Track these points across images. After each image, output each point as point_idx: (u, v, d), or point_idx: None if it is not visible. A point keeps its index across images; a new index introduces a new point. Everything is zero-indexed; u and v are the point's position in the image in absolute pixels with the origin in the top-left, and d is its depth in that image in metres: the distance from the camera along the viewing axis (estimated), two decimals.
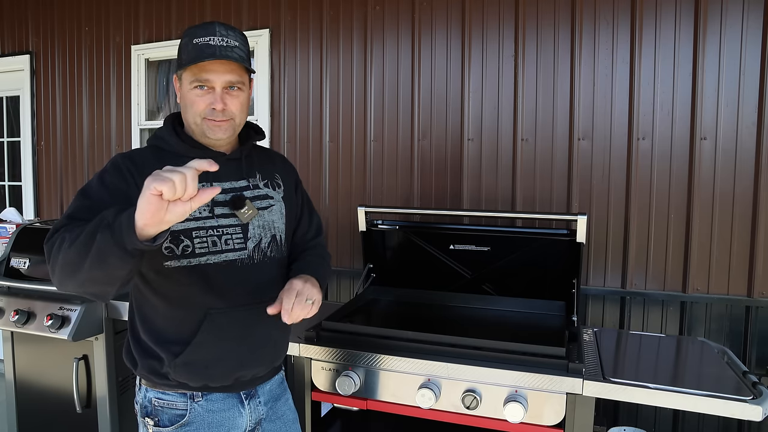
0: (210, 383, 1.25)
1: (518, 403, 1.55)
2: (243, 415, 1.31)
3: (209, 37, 1.19)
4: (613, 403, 2.26)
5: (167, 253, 1.18)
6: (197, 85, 1.21)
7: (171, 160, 1.19)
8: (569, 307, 2.04)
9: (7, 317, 2.20)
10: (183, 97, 1.25)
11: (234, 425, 1.29)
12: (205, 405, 1.26)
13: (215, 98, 1.20)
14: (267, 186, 1.35)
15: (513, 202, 2.42)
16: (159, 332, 1.24)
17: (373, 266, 2.34)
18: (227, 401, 1.29)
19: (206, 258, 1.21)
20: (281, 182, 1.40)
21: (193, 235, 1.20)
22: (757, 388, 1.50)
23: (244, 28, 2.88)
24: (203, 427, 1.26)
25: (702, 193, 2.16)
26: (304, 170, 2.80)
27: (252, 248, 1.27)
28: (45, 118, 3.52)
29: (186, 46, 1.21)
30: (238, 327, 1.26)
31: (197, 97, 1.21)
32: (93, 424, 2.24)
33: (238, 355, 1.26)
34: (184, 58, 1.21)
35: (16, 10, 3.57)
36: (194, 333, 1.21)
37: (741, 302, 2.14)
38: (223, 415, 1.28)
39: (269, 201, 1.34)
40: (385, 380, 1.73)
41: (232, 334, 1.25)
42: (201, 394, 1.26)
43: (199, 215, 1.21)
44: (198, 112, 1.22)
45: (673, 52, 2.17)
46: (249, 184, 1.32)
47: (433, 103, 2.54)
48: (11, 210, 3.21)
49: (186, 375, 1.23)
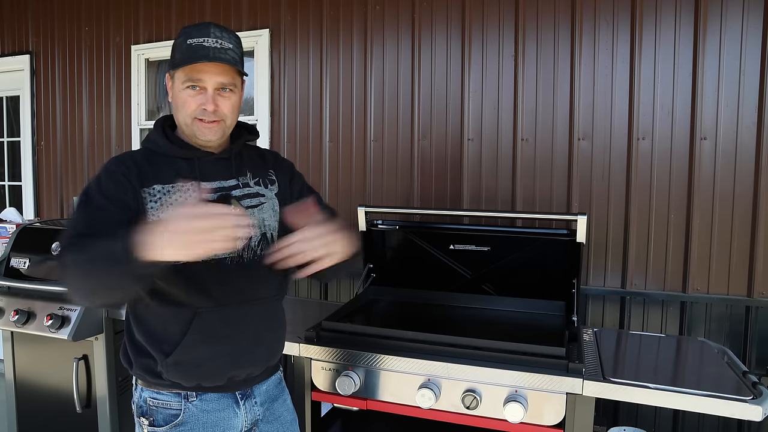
0: (203, 383, 1.25)
1: (518, 403, 1.55)
2: (238, 415, 1.30)
3: (203, 38, 1.19)
4: (613, 403, 2.26)
5: None
6: (189, 85, 1.21)
7: (161, 162, 1.24)
8: (569, 307, 2.04)
9: (7, 317, 2.20)
10: (175, 96, 1.25)
11: (229, 426, 1.29)
12: (200, 405, 1.26)
13: (207, 99, 1.21)
14: (258, 184, 1.35)
15: (513, 202, 2.42)
16: (151, 331, 1.24)
17: (373, 266, 2.34)
18: (222, 401, 1.28)
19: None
20: (275, 178, 1.39)
21: None
22: (757, 388, 1.50)
23: (244, 28, 2.88)
24: (198, 427, 1.25)
25: (702, 193, 2.16)
26: (304, 170, 2.79)
27: (241, 247, 1.27)
28: (45, 118, 3.52)
29: (180, 46, 1.21)
30: (228, 326, 1.25)
31: (189, 97, 1.22)
32: (93, 424, 2.24)
33: (229, 355, 1.26)
34: (178, 58, 1.21)
35: (16, 10, 3.57)
36: (184, 332, 1.21)
37: (741, 302, 2.14)
38: (217, 416, 1.27)
39: (260, 199, 1.33)
40: (385, 380, 1.73)
41: (222, 333, 1.25)
42: (195, 394, 1.26)
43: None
44: (189, 112, 1.22)
45: (673, 52, 2.17)
46: (238, 183, 1.31)
47: (433, 103, 2.54)
48: (11, 210, 3.21)
49: (178, 374, 1.23)
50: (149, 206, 1.19)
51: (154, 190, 1.20)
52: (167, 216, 1.01)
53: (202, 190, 0.98)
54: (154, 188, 1.20)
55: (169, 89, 1.27)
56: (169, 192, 1.21)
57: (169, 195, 1.21)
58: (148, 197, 1.19)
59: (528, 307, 2.13)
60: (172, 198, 1.21)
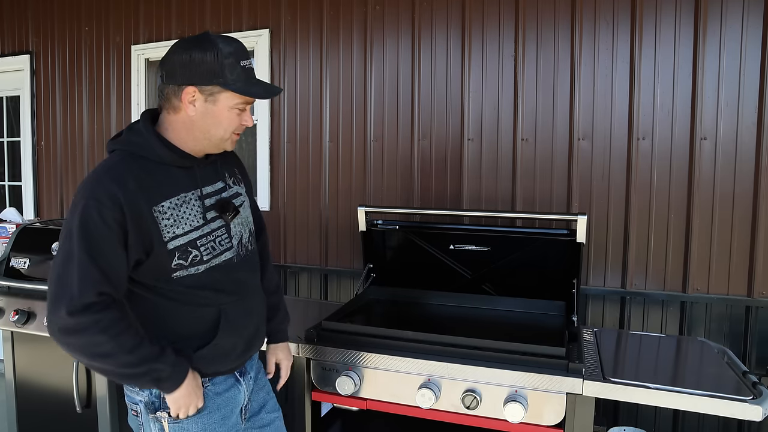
0: (221, 368, 1.35)
1: (518, 403, 1.55)
2: (241, 391, 1.42)
3: (248, 60, 1.28)
4: (613, 403, 2.26)
5: (175, 267, 1.24)
6: (241, 108, 1.28)
7: (157, 172, 1.24)
8: (569, 307, 2.04)
9: (7, 317, 2.20)
10: (215, 113, 1.25)
11: (236, 402, 1.40)
12: (213, 389, 1.34)
13: (247, 118, 1.31)
14: (235, 183, 1.44)
15: (513, 202, 2.42)
16: (173, 332, 1.28)
17: (373, 266, 2.34)
18: (228, 381, 1.38)
19: (211, 262, 1.30)
20: (240, 176, 1.49)
21: (198, 245, 1.28)
22: (757, 388, 1.50)
23: (244, 28, 2.88)
24: (214, 409, 1.34)
25: (702, 193, 2.16)
26: (304, 170, 2.81)
27: (237, 245, 1.38)
28: (45, 118, 3.52)
29: (233, 67, 1.22)
30: (245, 316, 1.38)
31: (236, 116, 1.28)
32: (93, 424, 2.24)
33: (246, 341, 1.39)
34: (233, 80, 1.23)
35: (16, 10, 3.58)
36: (214, 329, 1.31)
37: (741, 302, 2.14)
38: (227, 395, 1.37)
39: (241, 198, 1.44)
40: (385, 380, 1.73)
41: (242, 323, 1.37)
42: (208, 380, 1.33)
43: (198, 224, 1.28)
44: (232, 128, 1.29)
45: (673, 52, 2.17)
46: (225, 185, 1.39)
47: (433, 103, 2.54)
48: (11, 210, 3.21)
49: (203, 362, 1.30)
50: (162, 224, 1.21)
51: (163, 208, 1.22)
52: (191, 385, 1.26)
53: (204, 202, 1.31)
54: (163, 206, 1.22)
55: (191, 102, 1.24)
56: (178, 206, 1.25)
57: (178, 209, 1.25)
58: (160, 216, 1.21)
59: (528, 307, 2.13)
60: (181, 211, 1.25)
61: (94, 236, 1.13)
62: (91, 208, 1.14)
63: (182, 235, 1.24)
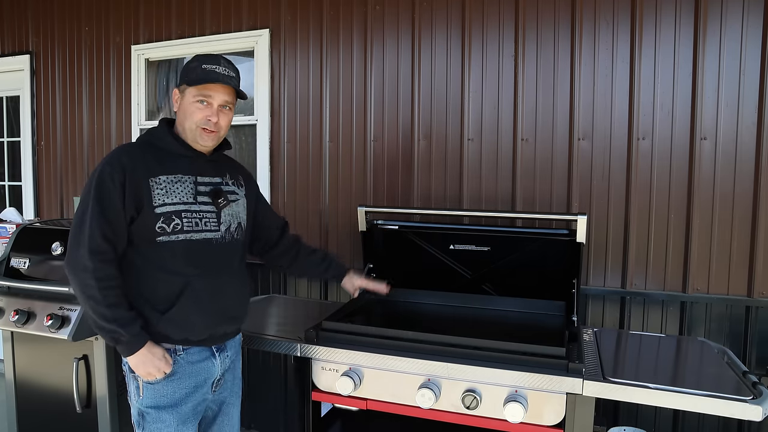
0: (189, 337, 1.54)
1: (518, 403, 1.55)
2: (215, 365, 1.62)
3: (215, 65, 1.53)
4: (613, 403, 2.26)
5: (159, 231, 1.48)
6: (200, 99, 1.53)
7: (163, 156, 1.55)
8: (569, 307, 2.04)
9: (7, 317, 2.20)
10: (184, 108, 1.56)
11: (209, 374, 1.60)
12: (186, 357, 1.55)
13: (212, 112, 1.54)
14: (233, 184, 1.69)
15: (513, 202, 2.42)
16: (143, 293, 1.51)
17: (373, 266, 2.34)
18: (202, 353, 1.58)
19: (190, 235, 1.52)
20: (243, 183, 1.74)
21: (182, 216, 1.51)
22: (757, 388, 1.50)
23: (244, 28, 2.88)
24: (185, 376, 1.55)
25: (702, 193, 2.16)
26: (304, 170, 2.81)
27: (224, 231, 1.60)
28: (45, 118, 3.52)
29: (195, 69, 1.53)
30: (211, 292, 1.56)
31: (198, 109, 1.53)
32: (93, 424, 2.24)
33: (211, 315, 1.57)
34: (192, 78, 1.53)
35: (16, 10, 3.58)
36: (178, 296, 1.51)
37: (741, 302, 2.14)
38: (200, 366, 1.58)
39: (236, 195, 1.68)
40: (385, 380, 1.73)
41: (207, 297, 1.55)
42: (182, 348, 1.54)
43: (186, 201, 1.53)
44: (196, 121, 1.54)
45: (673, 52, 2.17)
46: (222, 181, 1.65)
47: (433, 103, 2.54)
48: (11, 210, 3.21)
49: (170, 328, 1.51)
50: (155, 192, 1.48)
51: (159, 180, 1.50)
52: (146, 355, 1.47)
53: (198, 183, 1.57)
54: (160, 179, 1.50)
55: (176, 101, 1.59)
56: (173, 182, 1.52)
57: (172, 184, 1.51)
58: (155, 186, 1.49)
59: (528, 307, 2.14)
60: (174, 187, 1.52)
61: (103, 192, 1.44)
62: (104, 172, 1.46)
63: (170, 204, 1.49)
